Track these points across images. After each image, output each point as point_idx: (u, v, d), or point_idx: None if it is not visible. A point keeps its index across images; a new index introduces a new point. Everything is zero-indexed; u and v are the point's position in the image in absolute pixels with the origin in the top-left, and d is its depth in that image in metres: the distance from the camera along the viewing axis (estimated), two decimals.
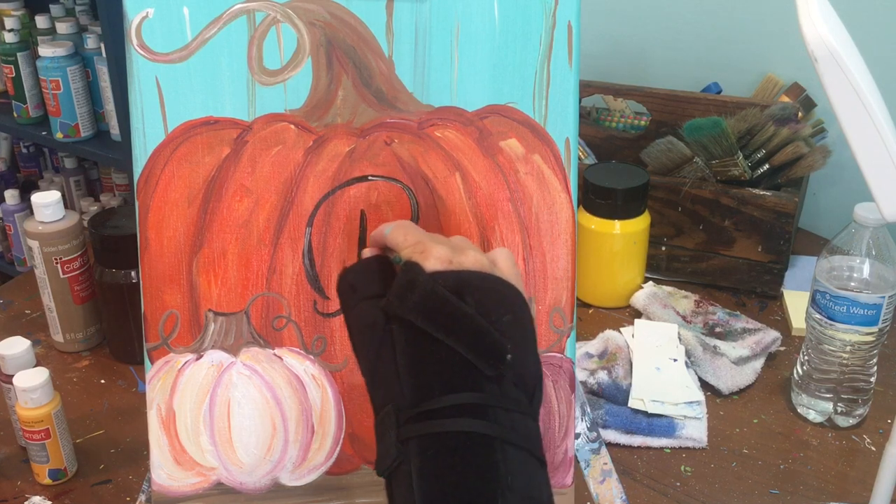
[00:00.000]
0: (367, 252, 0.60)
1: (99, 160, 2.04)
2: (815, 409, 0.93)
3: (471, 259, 0.54)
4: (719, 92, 1.34)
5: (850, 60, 0.54)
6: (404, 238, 0.56)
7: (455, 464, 0.49)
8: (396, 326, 0.52)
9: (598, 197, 1.09)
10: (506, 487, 0.48)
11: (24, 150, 2.36)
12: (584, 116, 1.35)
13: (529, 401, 0.53)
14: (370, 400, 0.55)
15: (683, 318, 1.07)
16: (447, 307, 0.51)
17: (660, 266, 1.18)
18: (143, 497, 0.77)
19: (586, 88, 1.31)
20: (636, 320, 1.06)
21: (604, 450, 0.86)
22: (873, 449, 0.89)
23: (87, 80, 1.91)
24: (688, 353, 0.99)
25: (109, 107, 1.91)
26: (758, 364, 1.00)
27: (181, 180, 0.67)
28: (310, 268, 0.69)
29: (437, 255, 0.53)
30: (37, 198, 0.96)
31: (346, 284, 0.57)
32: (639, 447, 0.89)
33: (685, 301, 1.10)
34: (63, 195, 1.07)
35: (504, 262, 0.58)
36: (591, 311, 1.13)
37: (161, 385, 0.69)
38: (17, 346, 0.84)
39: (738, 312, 1.08)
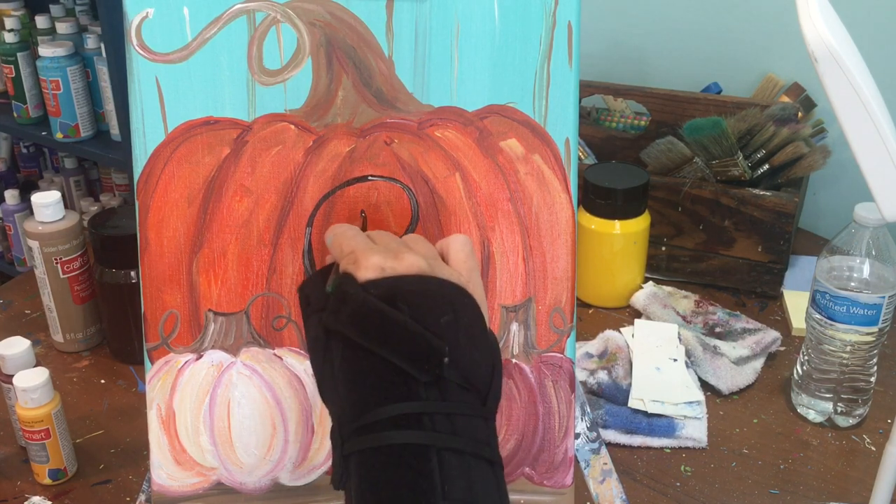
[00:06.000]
0: (329, 259, 0.59)
1: (99, 160, 2.04)
2: (815, 409, 0.93)
3: (406, 263, 0.53)
4: (719, 92, 1.34)
5: (850, 60, 0.54)
6: (340, 249, 0.56)
7: (389, 478, 0.48)
8: (334, 340, 0.52)
9: (598, 197, 1.09)
10: (440, 497, 0.48)
11: (24, 150, 2.36)
12: (584, 116, 1.35)
13: (483, 401, 0.52)
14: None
15: (683, 318, 1.07)
16: (378, 317, 0.50)
17: (660, 266, 1.18)
18: (143, 497, 0.77)
19: (586, 88, 1.31)
20: (636, 320, 1.06)
21: (604, 450, 0.86)
22: (873, 449, 0.89)
23: (87, 80, 1.91)
24: (688, 353, 0.99)
25: (109, 107, 1.91)
26: (758, 364, 1.00)
27: (181, 180, 0.67)
28: (310, 268, 0.69)
29: (368, 264, 0.52)
30: (37, 198, 0.96)
31: (303, 297, 0.57)
32: (639, 447, 0.89)
33: (685, 301, 1.10)
34: (63, 195, 1.07)
35: (457, 254, 0.57)
36: (591, 311, 1.13)
37: (161, 385, 0.69)
38: (17, 346, 0.84)
39: (738, 312, 1.08)
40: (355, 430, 0.50)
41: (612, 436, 0.90)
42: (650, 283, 1.14)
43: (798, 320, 1.07)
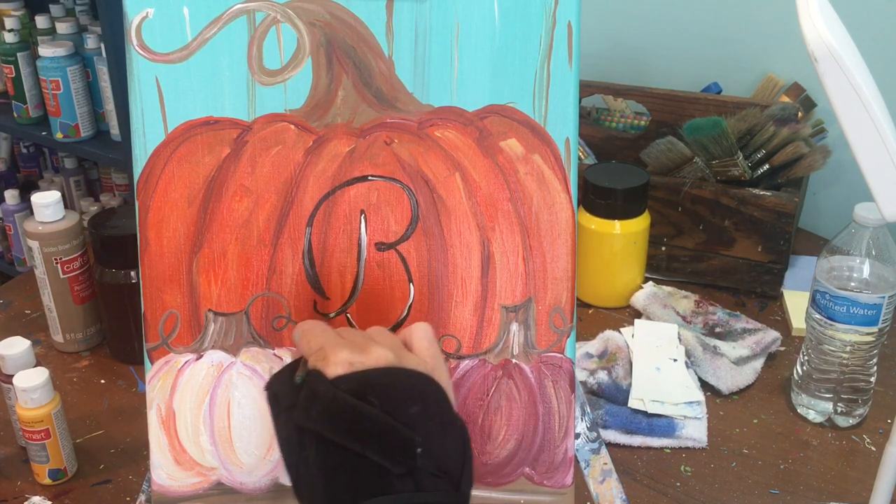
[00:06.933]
0: (295, 354, 0.60)
1: (99, 160, 2.04)
2: (815, 409, 0.93)
3: (373, 357, 0.53)
4: (719, 92, 1.34)
5: (850, 60, 0.54)
6: (308, 346, 0.56)
7: None
8: (307, 438, 0.52)
9: (598, 197, 1.09)
10: None
11: (24, 150, 2.36)
12: (584, 116, 1.35)
13: (456, 487, 0.52)
14: None
15: (683, 318, 1.07)
16: (349, 412, 0.51)
17: (660, 266, 1.18)
18: (143, 497, 0.77)
19: (586, 88, 1.31)
20: (636, 320, 1.06)
21: (604, 450, 0.86)
22: (873, 449, 0.89)
23: (87, 80, 1.91)
24: (688, 353, 0.99)
25: (109, 107, 1.91)
26: (758, 364, 1.00)
27: (181, 180, 0.67)
28: (309, 268, 0.69)
29: (337, 360, 0.53)
30: (37, 198, 0.96)
31: (271, 394, 0.57)
32: (639, 447, 0.89)
33: (685, 301, 1.10)
34: (63, 195, 1.07)
35: (419, 343, 0.58)
36: (591, 311, 1.13)
37: (161, 385, 0.69)
38: (17, 346, 0.84)
39: (738, 312, 1.08)
40: None
41: (612, 436, 0.90)
42: (650, 283, 1.14)
43: (798, 320, 1.07)
